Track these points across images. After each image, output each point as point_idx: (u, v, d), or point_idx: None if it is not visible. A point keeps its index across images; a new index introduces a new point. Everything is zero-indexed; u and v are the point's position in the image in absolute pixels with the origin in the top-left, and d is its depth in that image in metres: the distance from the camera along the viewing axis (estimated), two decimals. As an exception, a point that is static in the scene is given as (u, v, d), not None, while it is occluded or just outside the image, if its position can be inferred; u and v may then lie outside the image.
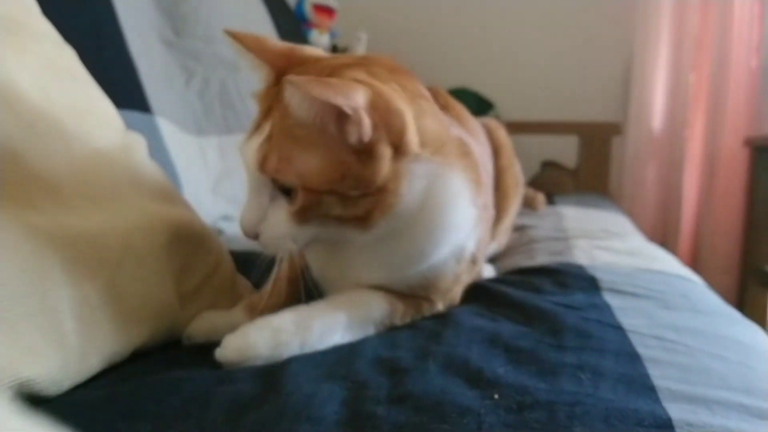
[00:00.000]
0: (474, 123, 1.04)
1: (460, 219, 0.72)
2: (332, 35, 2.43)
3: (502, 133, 1.19)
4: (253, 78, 0.73)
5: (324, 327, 0.66)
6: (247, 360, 0.61)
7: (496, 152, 1.13)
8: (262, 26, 1.80)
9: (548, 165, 2.53)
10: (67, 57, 0.77)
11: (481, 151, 0.93)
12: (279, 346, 0.62)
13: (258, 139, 0.63)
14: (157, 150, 0.79)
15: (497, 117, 2.60)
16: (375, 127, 0.61)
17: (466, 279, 0.80)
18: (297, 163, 0.61)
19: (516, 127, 2.30)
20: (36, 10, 0.77)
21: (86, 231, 0.60)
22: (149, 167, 0.77)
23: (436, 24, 2.69)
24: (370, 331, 0.70)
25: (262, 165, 0.62)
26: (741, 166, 2.28)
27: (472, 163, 0.75)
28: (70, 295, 0.56)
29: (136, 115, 1.07)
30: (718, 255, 2.35)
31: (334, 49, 2.44)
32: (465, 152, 0.75)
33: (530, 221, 1.40)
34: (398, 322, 0.72)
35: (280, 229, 0.64)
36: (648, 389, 0.53)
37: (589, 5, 2.66)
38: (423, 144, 0.66)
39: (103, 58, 1.05)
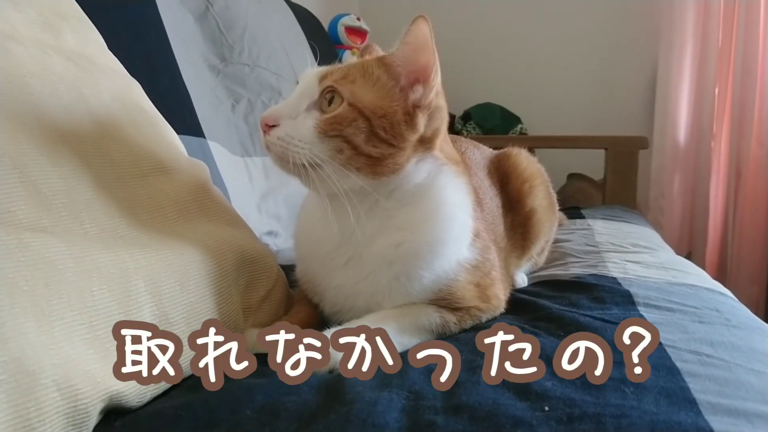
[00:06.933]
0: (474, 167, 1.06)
1: (459, 231, 0.78)
2: (364, 55, 2.51)
3: (515, 160, 1.15)
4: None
5: None
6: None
7: (507, 176, 1.12)
8: (301, 49, 1.86)
9: (574, 176, 2.53)
10: (135, 91, 0.82)
11: (479, 184, 0.98)
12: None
13: (321, 69, 0.74)
14: (211, 171, 0.83)
15: (523, 131, 2.62)
16: (429, 106, 0.73)
17: (488, 282, 0.82)
18: (357, 85, 0.71)
19: (545, 142, 2.33)
20: (104, 46, 0.82)
21: (164, 253, 0.65)
22: (213, 193, 0.82)
23: (462, 41, 2.72)
24: (425, 337, 0.74)
25: (323, 77, 0.72)
26: (766, 177, 2.29)
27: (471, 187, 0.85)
28: (152, 312, 0.61)
29: (191, 140, 1.12)
30: (745, 265, 2.35)
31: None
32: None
33: (563, 235, 1.42)
34: (453, 329, 0.77)
35: (302, 131, 0.70)
36: (689, 402, 0.55)
37: (614, 20, 2.68)
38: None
39: (160, 87, 1.10)
